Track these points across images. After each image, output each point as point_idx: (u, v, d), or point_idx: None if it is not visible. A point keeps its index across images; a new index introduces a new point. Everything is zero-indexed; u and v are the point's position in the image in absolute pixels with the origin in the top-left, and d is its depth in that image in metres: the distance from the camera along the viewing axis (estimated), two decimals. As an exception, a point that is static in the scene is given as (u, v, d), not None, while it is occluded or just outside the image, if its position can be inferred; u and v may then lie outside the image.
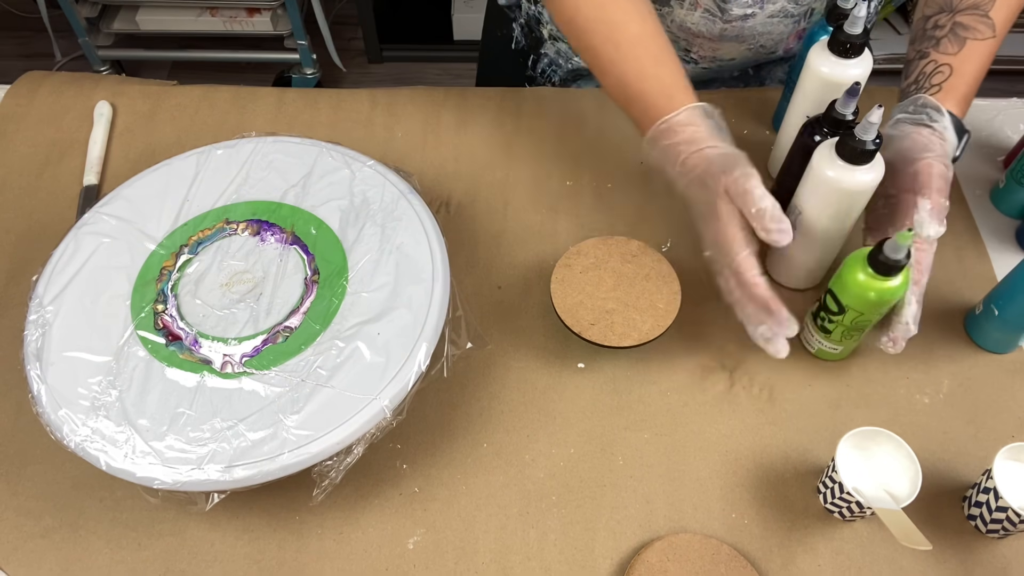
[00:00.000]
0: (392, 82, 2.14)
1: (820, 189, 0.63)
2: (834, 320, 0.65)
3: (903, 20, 2.00)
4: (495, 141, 0.85)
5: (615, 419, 0.67)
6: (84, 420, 0.57)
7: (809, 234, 0.67)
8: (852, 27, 0.66)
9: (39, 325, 0.62)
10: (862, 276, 0.61)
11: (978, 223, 0.80)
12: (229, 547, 0.60)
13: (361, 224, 0.68)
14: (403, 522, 0.62)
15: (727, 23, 0.79)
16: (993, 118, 0.88)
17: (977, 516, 0.61)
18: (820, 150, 0.63)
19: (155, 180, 0.71)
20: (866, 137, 0.59)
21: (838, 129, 0.65)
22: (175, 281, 0.65)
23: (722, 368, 0.69)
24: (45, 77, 0.90)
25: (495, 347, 0.70)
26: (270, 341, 0.61)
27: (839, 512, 0.61)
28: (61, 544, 0.60)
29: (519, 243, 0.77)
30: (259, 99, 0.88)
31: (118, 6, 1.91)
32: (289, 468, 0.55)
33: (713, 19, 0.79)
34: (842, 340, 0.66)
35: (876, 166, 0.61)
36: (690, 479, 0.64)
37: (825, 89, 0.69)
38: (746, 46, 0.83)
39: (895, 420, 0.67)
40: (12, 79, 0.89)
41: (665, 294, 0.68)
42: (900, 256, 0.58)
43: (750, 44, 0.83)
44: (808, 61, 0.69)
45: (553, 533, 0.61)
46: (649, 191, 0.81)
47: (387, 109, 0.87)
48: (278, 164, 0.72)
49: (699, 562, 0.59)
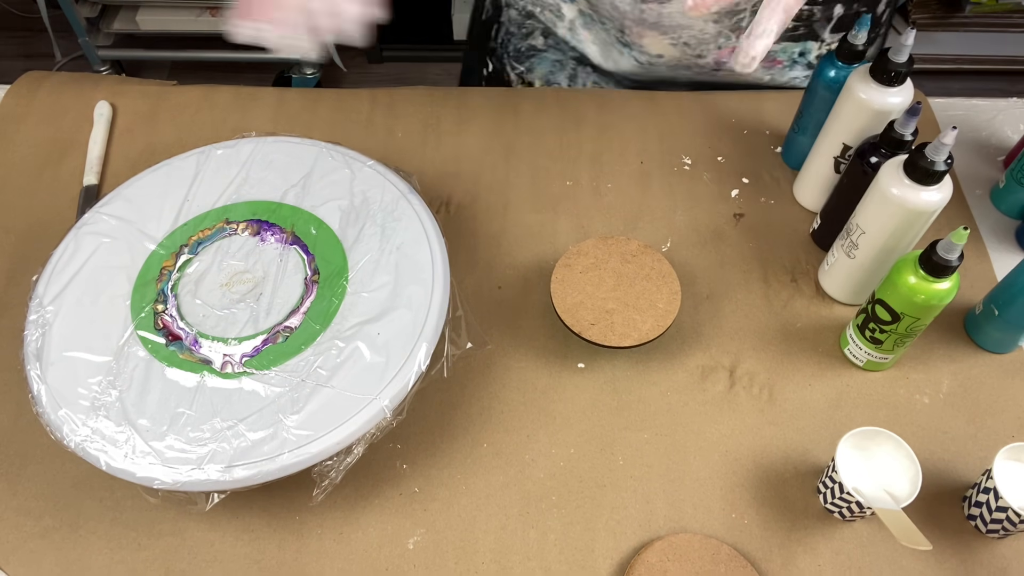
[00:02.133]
0: (392, 82, 2.14)
1: (885, 208, 0.63)
2: (886, 330, 0.64)
3: (903, 20, 2.00)
4: (495, 141, 0.85)
5: (615, 419, 0.67)
6: (84, 420, 0.57)
7: (870, 252, 0.67)
8: (897, 55, 0.65)
9: (39, 325, 0.62)
10: (913, 279, 0.60)
11: (978, 223, 0.80)
12: (229, 547, 0.60)
13: (361, 224, 0.68)
14: (403, 522, 0.62)
15: (645, 3, 0.78)
16: (993, 118, 0.88)
17: (977, 516, 0.61)
18: (886, 168, 0.63)
19: (155, 180, 0.71)
20: (937, 158, 0.59)
21: (897, 150, 0.65)
22: (175, 281, 0.65)
23: (722, 368, 0.69)
24: (45, 77, 0.90)
25: (495, 347, 0.70)
26: (270, 341, 0.61)
27: (839, 512, 0.61)
28: (61, 544, 0.60)
29: (519, 243, 0.77)
30: (259, 99, 0.88)
31: (118, 6, 1.91)
32: (289, 468, 0.55)
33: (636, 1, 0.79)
34: (894, 349, 0.66)
35: (944, 187, 0.61)
36: (690, 479, 0.64)
37: (866, 116, 0.69)
38: (669, 39, 0.82)
39: (895, 420, 0.67)
40: (12, 79, 0.89)
41: (665, 294, 0.68)
42: (953, 256, 0.58)
43: (672, 38, 0.82)
44: (849, 88, 0.69)
45: (553, 533, 0.61)
46: (649, 191, 0.81)
47: (387, 109, 0.87)
48: (278, 164, 0.72)
49: (699, 562, 0.59)
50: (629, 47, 0.85)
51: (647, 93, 0.89)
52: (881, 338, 0.65)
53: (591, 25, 0.86)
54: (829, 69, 0.73)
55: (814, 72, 0.75)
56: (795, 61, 0.87)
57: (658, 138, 0.85)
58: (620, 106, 0.88)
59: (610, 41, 0.86)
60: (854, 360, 0.69)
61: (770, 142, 0.85)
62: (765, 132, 0.86)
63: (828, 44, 0.85)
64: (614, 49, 0.87)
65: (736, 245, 0.77)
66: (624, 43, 0.85)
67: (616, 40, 0.86)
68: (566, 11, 0.87)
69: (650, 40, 0.83)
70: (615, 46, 0.86)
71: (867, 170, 0.67)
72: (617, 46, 0.86)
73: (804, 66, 0.88)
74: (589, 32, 0.87)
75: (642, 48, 0.84)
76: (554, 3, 0.87)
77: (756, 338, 0.71)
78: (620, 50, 0.86)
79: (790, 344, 0.71)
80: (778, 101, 0.88)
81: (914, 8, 1.97)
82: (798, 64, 0.87)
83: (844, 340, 0.70)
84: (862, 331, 0.67)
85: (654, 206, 0.80)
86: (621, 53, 0.87)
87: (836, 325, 0.72)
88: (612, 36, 0.86)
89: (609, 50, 0.87)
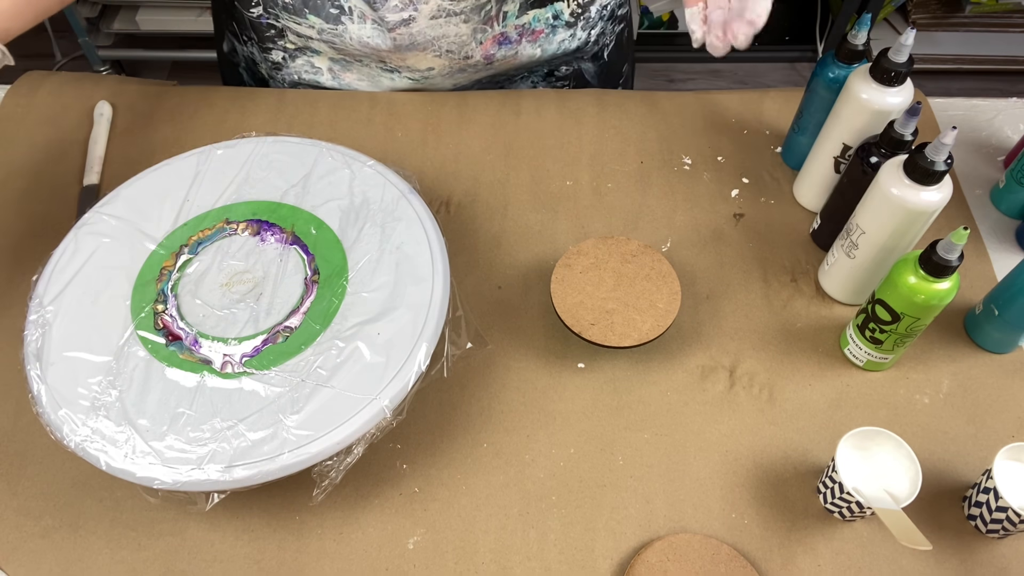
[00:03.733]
0: (392, 82, 2.14)
1: (885, 207, 0.63)
2: (886, 330, 0.64)
3: (903, 20, 2.00)
4: (495, 141, 0.85)
5: (615, 419, 0.67)
6: (84, 420, 0.57)
7: (870, 252, 0.67)
8: (897, 55, 0.65)
9: (39, 325, 0.62)
10: (913, 279, 0.60)
11: (978, 223, 0.80)
12: (229, 547, 0.60)
13: (361, 224, 0.68)
14: (403, 522, 0.62)
15: (392, 31, 0.78)
16: (993, 118, 0.88)
17: (977, 516, 0.61)
18: (886, 168, 0.63)
19: (155, 180, 0.71)
20: (937, 158, 0.59)
21: (897, 150, 0.65)
22: (175, 281, 0.65)
23: (722, 368, 0.69)
24: (45, 77, 0.90)
25: (495, 347, 0.70)
26: (270, 341, 0.61)
27: (839, 512, 0.61)
28: (61, 544, 0.60)
29: (519, 243, 0.77)
30: (259, 99, 0.88)
31: (118, 6, 1.91)
32: (289, 468, 0.55)
33: (383, 30, 0.78)
34: (894, 349, 0.66)
35: (944, 187, 0.61)
36: (690, 479, 0.64)
37: (866, 116, 0.69)
38: (431, 53, 0.82)
39: (895, 420, 0.67)
40: (12, 79, 0.89)
41: (665, 294, 0.68)
42: (953, 256, 0.58)
43: (434, 51, 0.82)
44: (849, 88, 0.69)
45: (553, 533, 0.61)
46: (649, 191, 0.81)
47: (387, 109, 0.87)
48: (278, 164, 0.72)
49: (699, 562, 0.59)
50: (397, 71, 0.86)
51: (647, 93, 0.89)
52: (881, 338, 0.65)
53: (350, 66, 0.87)
54: (829, 69, 0.73)
55: (814, 72, 0.75)
56: (553, 26, 0.85)
57: (658, 138, 0.85)
58: (620, 106, 0.88)
59: (375, 73, 0.87)
60: (854, 360, 0.69)
61: (770, 142, 0.85)
62: (765, 132, 0.86)
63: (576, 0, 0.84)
64: (383, 77, 0.87)
65: (736, 245, 0.77)
66: (389, 69, 0.86)
67: (381, 70, 0.86)
68: (318, 63, 0.87)
69: (414, 59, 0.83)
70: (382, 76, 0.87)
71: (867, 170, 0.67)
72: (385, 75, 0.87)
73: (563, 27, 0.86)
74: (351, 72, 0.88)
75: (409, 67, 0.85)
76: (304, 62, 0.87)
77: (756, 338, 0.71)
78: (389, 76, 0.87)
79: (790, 344, 0.71)
80: (778, 101, 0.88)
81: (914, 8, 1.97)
82: (557, 27, 0.86)
83: (844, 340, 0.70)
84: (862, 331, 0.67)
85: (654, 206, 0.80)
86: (392, 79, 0.87)
87: (836, 325, 0.72)
88: (376, 69, 0.86)
89: (378, 80, 0.88)
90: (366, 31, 0.79)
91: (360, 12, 0.77)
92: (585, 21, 0.87)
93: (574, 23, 0.86)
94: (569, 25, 0.86)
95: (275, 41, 0.86)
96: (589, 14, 0.87)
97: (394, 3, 0.76)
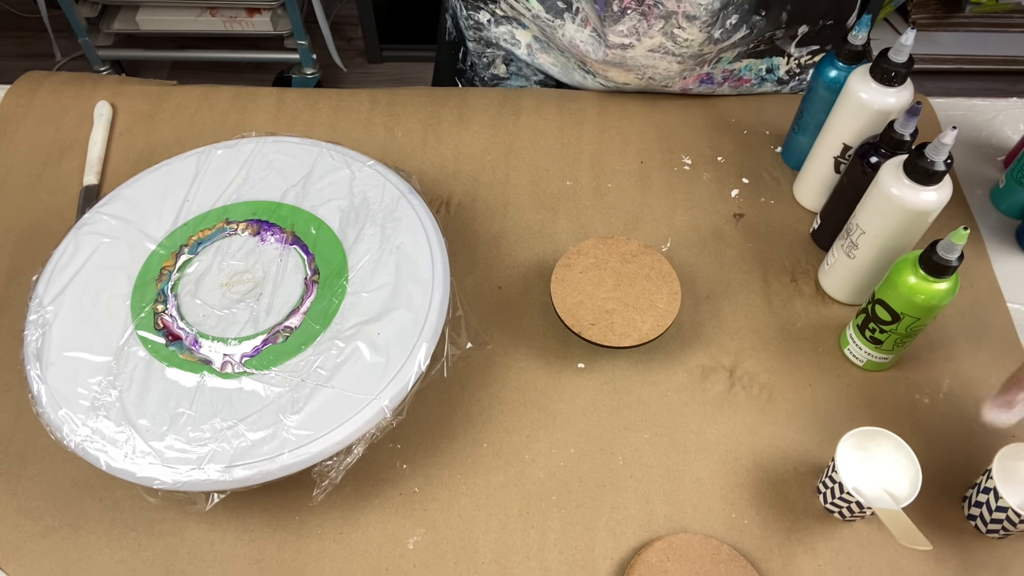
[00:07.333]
0: (392, 82, 2.14)
1: (885, 207, 0.63)
2: (886, 330, 0.64)
3: (903, 20, 2.00)
4: (495, 141, 0.85)
5: (615, 419, 0.67)
6: (84, 420, 0.57)
7: (870, 252, 0.67)
8: (898, 55, 0.65)
9: (39, 325, 0.62)
10: (913, 279, 0.60)
11: (978, 223, 0.80)
12: (229, 547, 0.60)
13: (361, 224, 0.68)
14: (403, 522, 0.62)
15: (609, 49, 0.79)
16: (993, 118, 0.88)
17: (977, 516, 0.61)
18: (886, 168, 0.63)
19: (155, 180, 0.71)
20: (937, 158, 0.59)
21: (896, 150, 0.65)
22: (175, 281, 0.65)
23: (722, 368, 0.69)
24: (45, 77, 0.90)
25: (495, 347, 0.70)
26: (270, 341, 0.61)
27: (839, 512, 0.61)
28: (61, 544, 0.60)
29: (519, 243, 0.77)
30: (259, 99, 0.88)
31: (118, 6, 1.91)
32: (289, 468, 0.55)
33: (598, 42, 0.79)
34: (894, 349, 0.66)
35: (944, 187, 0.61)
36: (690, 479, 0.64)
37: (866, 116, 0.69)
38: (634, 75, 0.83)
39: (895, 420, 0.67)
40: (12, 79, 0.89)
41: (665, 294, 0.69)
42: (953, 256, 0.58)
43: (637, 74, 0.83)
44: (849, 88, 0.69)
45: (553, 533, 0.61)
46: (649, 191, 0.81)
47: (387, 109, 0.87)
48: (278, 164, 0.72)
49: (699, 562, 0.59)
50: (592, 75, 0.86)
51: (647, 93, 0.89)
52: (881, 338, 0.65)
53: (548, 50, 0.87)
54: (829, 69, 0.73)
55: (814, 72, 0.75)
56: (763, 78, 0.86)
57: (658, 138, 0.85)
58: (620, 106, 0.88)
59: (571, 66, 0.87)
60: (854, 360, 0.69)
61: (770, 142, 0.85)
62: (765, 132, 0.86)
63: (797, 58, 0.84)
64: (576, 72, 0.87)
65: (736, 245, 0.77)
66: (586, 71, 0.86)
67: (577, 67, 0.86)
68: (520, 36, 0.87)
69: (615, 73, 0.83)
70: (577, 71, 0.87)
71: (867, 170, 0.67)
72: (579, 71, 0.87)
73: (774, 82, 0.87)
74: (547, 55, 0.88)
75: (607, 77, 0.85)
76: (507, 31, 0.87)
77: (756, 338, 0.71)
78: (583, 75, 0.87)
79: (790, 344, 0.71)
80: (778, 101, 0.88)
81: (914, 8, 1.97)
82: (767, 81, 0.87)
83: (844, 340, 0.70)
84: (862, 331, 0.67)
85: (654, 206, 0.80)
86: (584, 77, 0.87)
87: (836, 325, 0.72)
88: (572, 63, 0.86)
89: (571, 72, 0.88)
90: (582, 36, 0.79)
91: (584, 17, 0.78)
92: (799, 82, 0.87)
93: (787, 81, 0.86)
94: (782, 82, 0.87)
95: (487, 3, 0.86)
96: (805, 76, 0.86)
97: (622, 28, 0.76)
